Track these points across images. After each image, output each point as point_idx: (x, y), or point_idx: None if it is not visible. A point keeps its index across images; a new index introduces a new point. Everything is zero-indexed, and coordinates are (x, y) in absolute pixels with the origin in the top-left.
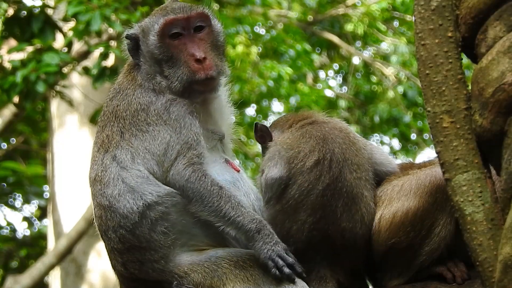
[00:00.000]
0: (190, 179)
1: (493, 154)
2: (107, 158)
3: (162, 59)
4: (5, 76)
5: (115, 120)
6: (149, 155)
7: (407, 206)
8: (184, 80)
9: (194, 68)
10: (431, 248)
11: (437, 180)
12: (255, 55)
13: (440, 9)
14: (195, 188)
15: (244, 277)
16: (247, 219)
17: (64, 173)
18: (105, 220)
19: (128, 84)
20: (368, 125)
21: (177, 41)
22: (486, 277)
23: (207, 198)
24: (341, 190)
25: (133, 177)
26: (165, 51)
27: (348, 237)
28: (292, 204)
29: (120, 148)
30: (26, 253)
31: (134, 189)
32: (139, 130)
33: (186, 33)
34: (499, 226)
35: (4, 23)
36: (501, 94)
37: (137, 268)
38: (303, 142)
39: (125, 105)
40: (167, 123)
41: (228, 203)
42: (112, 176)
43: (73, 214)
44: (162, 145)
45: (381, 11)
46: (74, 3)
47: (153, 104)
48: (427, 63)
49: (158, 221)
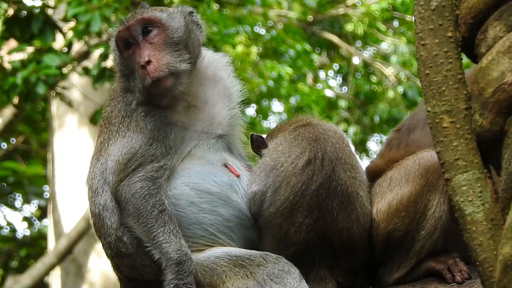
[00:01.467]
0: (136, 195)
1: (493, 154)
2: (97, 167)
3: (126, 74)
4: (5, 77)
5: (107, 127)
6: (112, 163)
7: (401, 193)
8: (141, 90)
9: (142, 75)
10: (427, 232)
11: (426, 161)
12: (255, 55)
13: (440, 9)
14: (136, 205)
15: (244, 275)
16: (173, 248)
17: (64, 173)
18: (97, 227)
19: (121, 90)
20: (368, 125)
21: (130, 51)
22: (486, 277)
23: (143, 218)
24: (335, 189)
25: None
26: (126, 65)
27: (345, 238)
28: (288, 206)
29: (106, 156)
30: (26, 253)
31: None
32: (120, 135)
33: (135, 41)
34: (499, 226)
35: (4, 23)
36: (501, 94)
37: (129, 271)
38: (295, 146)
39: (116, 112)
40: (143, 132)
41: (161, 227)
42: (100, 185)
43: (73, 214)
44: (127, 155)
45: (381, 11)
46: (74, 3)
47: (135, 111)
48: (427, 63)
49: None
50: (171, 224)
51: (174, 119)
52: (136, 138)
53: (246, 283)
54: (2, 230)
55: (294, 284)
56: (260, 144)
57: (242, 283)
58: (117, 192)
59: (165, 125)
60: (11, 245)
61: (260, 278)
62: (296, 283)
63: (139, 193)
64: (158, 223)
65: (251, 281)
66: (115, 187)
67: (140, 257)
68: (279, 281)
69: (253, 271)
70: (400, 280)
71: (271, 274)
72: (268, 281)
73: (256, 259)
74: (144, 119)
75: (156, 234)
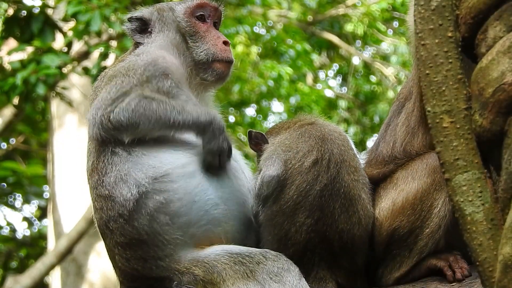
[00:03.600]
0: (135, 108)
1: (493, 154)
2: (99, 145)
3: (187, 32)
4: (5, 77)
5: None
6: (99, 103)
7: (407, 190)
8: (210, 54)
9: (221, 47)
10: (431, 230)
11: (433, 161)
12: (255, 55)
13: (440, 9)
14: (140, 113)
15: (244, 273)
16: (195, 116)
17: (64, 173)
18: (106, 210)
19: (110, 67)
20: (368, 125)
21: (202, 24)
22: (486, 277)
23: (153, 116)
24: (338, 191)
25: (124, 161)
26: (192, 26)
27: (346, 239)
28: (291, 205)
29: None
30: (26, 253)
31: (124, 179)
32: (106, 87)
33: (209, 21)
34: (499, 226)
35: (4, 23)
36: (501, 94)
37: (140, 264)
38: (302, 142)
39: (105, 82)
40: (134, 76)
41: (173, 110)
42: (106, 164)
43: (73, 214)
44: (118, 93)
45: (381, 11)
46: (74, 3)
47: (131, 63)
48: (427, 63)
49: (159, 212)
50: (178, 104)
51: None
52: (126, 80)
53: (246, 283)
54: (2, 230)
55: (294, 282)
56: (260, 141)
57: (242, 283)
58: (112, 122)
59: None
60: (11, 245)
61: (260, 277)
62: (295, 281)
63: (139, 106)
64: (168, 109)
65: (251, 281)
66: (106, 120)
67: (153, 249)
68: (278, 279)
69: (253, 269)
70: (400, 279)
71: (271, 272)
72: (267, 280)
73: (256, 257)
74: (162, 78)
75: (173, 117)
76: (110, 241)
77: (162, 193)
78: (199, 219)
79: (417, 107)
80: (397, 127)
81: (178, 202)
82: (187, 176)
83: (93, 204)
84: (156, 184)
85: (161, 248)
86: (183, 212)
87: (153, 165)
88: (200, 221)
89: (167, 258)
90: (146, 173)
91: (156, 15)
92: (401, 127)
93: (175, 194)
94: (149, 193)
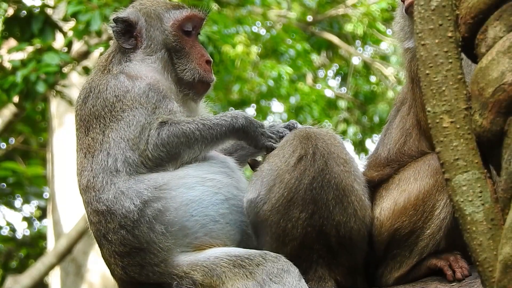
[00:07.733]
0: (167, 138)
1: (493, 154)
2: (95, 163)
3: (173, 47)
4: (5, 76)
5: (96, 121)
6: (123, 143)
7: (409, 191)
8: (195, 75)
9: (205, 68)
10: (432, 231)
11: (436, 162)
12: (255, 55)
13: (440, 9)
14: (176, 142)
15: (243, 275)
16: (227, 123)
17: (64, 173)
18: (104, 224)
19: (100, 79)
20: (368, 125)
21: (188, 38)
22: (486, 277)
23: (190, 139)
24: (329, 182)
25: (125, 180)
26: (179, 42)
27: (343, 233)
28: (284, 203)
29: (104, 148)
30: (26, 253)
31: (125, 193)
32: (115, 122)
33: (193, 34)
34: (499, 226)
35: (4, 23)
36: (501, 94)
37: (137, 272)
38: (287, 146)
39: (101, 103)
40: (143, 106)
41: (204, 129)
42: (105, 181)
43: (73, 214)
44: (137, 128)
45: (381, 11)
46: (74, 2)
47: (130, 92)
48: (427, 63)
49: (156, 220)
50: (202, 121)
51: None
52: (137, 113)
53: (245, 284)
54: (2, 230)
55: (293, 283)
56: (258, 164)
57: (241, 284)
58: (152, 160)
59: (167, 98)
60: (11, 245)
61: (259, 278)
62: (295, 282)
63: (167, 133)
64: (199, 128)
65: (251, 282)
66: (144, 157)
67: (149, 255)
68: (278, 280)
69: (253, 271)
70: (400, 279)
71: (271, 273)
72: (267, 281)
73: (255, 259)
74: (147, 93)
75: (210, 135)
76: (107, 251)
77: (160, 200)
78: (196, 231)
79: (412, 111)
80: (393, 130)
81: (174, 212)
82: (185, 187)
83: (88, 218)
84: (156, 192)
85: (157, 255)
86: (178, 222)
87: (155, 177)
88: (196, 233)
89: (162, 264)
90: (148, 184)
91: (143, 21)
92: (396, 130)
93: (172, 203)
94: (149, 201)
